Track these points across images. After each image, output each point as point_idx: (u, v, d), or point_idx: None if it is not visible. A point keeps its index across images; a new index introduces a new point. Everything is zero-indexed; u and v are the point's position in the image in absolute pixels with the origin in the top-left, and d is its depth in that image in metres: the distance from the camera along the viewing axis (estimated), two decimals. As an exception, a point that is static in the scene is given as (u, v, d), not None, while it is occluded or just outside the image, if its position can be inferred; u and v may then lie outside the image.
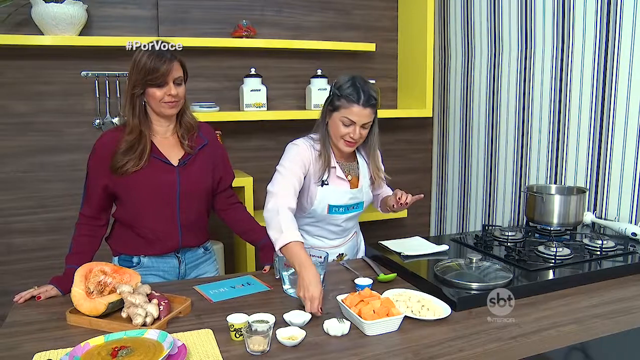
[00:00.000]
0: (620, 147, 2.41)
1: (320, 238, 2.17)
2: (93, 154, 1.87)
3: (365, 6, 3.39)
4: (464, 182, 3.44)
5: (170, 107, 1.84)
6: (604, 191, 2.51)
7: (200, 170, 1.94)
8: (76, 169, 2.84)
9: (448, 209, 3.62)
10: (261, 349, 1.33)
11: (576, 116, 2.62)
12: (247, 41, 2.93)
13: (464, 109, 3.37)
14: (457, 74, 3.41)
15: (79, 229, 1.89)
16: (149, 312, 1.49)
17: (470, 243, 2.19)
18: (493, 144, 3.12)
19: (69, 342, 1.39)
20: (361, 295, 1.54)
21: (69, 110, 2.84)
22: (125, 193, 1.87)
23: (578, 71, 2.59)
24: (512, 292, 1.64)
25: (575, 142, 2.63)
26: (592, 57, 2.52)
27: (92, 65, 2.82)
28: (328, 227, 2.13)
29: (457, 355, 1.33)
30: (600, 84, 2.48)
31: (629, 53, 2.34)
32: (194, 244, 2.01)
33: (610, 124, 2.46)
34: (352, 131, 1.92)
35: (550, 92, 2.74)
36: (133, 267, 1.93)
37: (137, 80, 1.80)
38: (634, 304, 1.64)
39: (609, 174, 2.48)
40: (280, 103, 3.24)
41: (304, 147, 2.00)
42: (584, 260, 1.95)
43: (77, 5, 2.60)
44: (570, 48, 2.62)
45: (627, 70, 2.36)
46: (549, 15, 2.72)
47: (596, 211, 2.54)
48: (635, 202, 2.37)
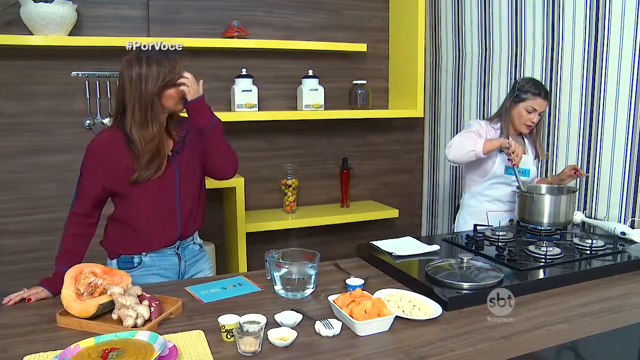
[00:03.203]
0: (609, 148, 2.44)
1: (496, 202, 2.59)
2: (90, 154, 1.84)
3: (357, 7, 3.39)
4: (455, 182, 3.45)
5: (182, 103, 1.87)
6: (593, 191, 2.53)
7: (191, 156, 1.96)
8: (68, 170, 2.83)
9: (439, 209, 3.63)
10: (252, 349, 1.32)
11: (566, 117, 2.63)
12: (238, 41, 2.93)
13: (455, 109, 3.38)
14: (448, 74, 3.43)
15: (68, 229, 1.87)
16: (140, 313, 1.48)
17: (461, 243, 2.20)
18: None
19: (59, 344, 1.38)
20: (352, 295, 1.54)
21: (59, 111, 2.83)
22: (127, 191, 1.86)
23: (568, 72, 2.60)
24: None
25: (565, 143, 2.65)
26: (581, 58, 2.54)
27: (82, 66, 2.81)
28: (504, 188, 2.56)
29: (448, 355, 1.33)
30: (590, 84, 2.50)
31: (617, 56, 2.36)
32: (189, 233, 2.02)
33: (599, 125, 2.48)
34: (533, 117, 2.46)
35: (541, 92, 2.76)
36: (134, 267, 1.92)
37: (153, 86, 1.76)
38: (623, 303, 1.65)
39: (599, 174, 2.50)
40: (271, 103, 3.23)
41: (481, 124, 2.56)
42: (574, 259, 1.96)
43: (67, 5, 2.59)
44: (560, 49, 2.64)
45: (615, 72, 2.38)
46: (538, 16, 2.74)
47: (586, 211, 2.56)
48: (624, 201, 2.39)
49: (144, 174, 1.81)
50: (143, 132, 1.79)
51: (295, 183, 3.20)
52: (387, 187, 3.67)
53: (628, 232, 2.20)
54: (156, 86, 1.77)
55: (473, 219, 2.54)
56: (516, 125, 2.52)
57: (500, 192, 2.57)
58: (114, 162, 1.82)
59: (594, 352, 1.78)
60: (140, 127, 1.79)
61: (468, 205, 2.66)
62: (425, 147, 3.73)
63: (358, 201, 3.55)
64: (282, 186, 3.21)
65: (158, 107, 1.80)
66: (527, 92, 2.45)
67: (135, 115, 1.78)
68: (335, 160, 3.46)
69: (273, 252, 1.80)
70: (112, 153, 1.82)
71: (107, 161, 1.82)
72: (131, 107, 1.79)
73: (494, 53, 3.03)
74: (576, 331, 1.52)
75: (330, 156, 3.46)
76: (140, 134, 1.79)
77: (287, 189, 3.20)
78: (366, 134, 3.54)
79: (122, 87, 1.81)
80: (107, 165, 1.82)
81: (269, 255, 1.79)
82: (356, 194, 3.56)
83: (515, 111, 2.49)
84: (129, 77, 1.78)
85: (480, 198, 2.61)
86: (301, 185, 3.32)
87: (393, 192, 3.68)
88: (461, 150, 2.40)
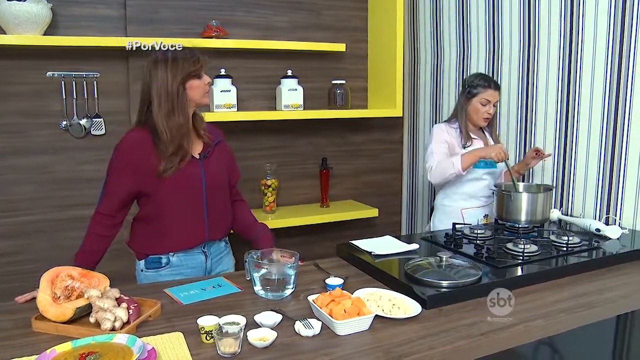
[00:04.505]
0: (584, 147, 2.48)
1: (470, 199, 2.62)
2: (119, 154, 1.89)
3: (336, 6, 3.39)
4: (434, 181, 3.47)
5: (208, 96, 1.95)
6: (569, 189, 2.57)
7: (218, 163, 2.02)
8: (44, 172, 2.79)
9: (419, 208, 3.65)
10: (232, 350, 1.32)
11: (542, 117, 2.67)
12: (217, 41, 2.91)
13: (434, 108, 3.41)
14: (427, 74, 3.45)
15: (93, 227, 1.90)
16: (118, 316, 1.47)
17: (440, 241, 2.21)
18: (462, 143, 3.15)
19: (34, 349, 1.36)
20: (332, 295, 1.55)
21: (34, 111, 2.78)
22: (154, 191, 1.89)
23: (544, 71, 2.64)
24: (481, 289, 1.67)
25: (542, 142, 2.69)
26: (557, 57, 2.57)
27: (58, 66, 2.77)
28: (476, 183, 2.60)
29: (427, 353, 1.34)
30: (565, 83, 2.54)
31: (592, 56, 2.40)
32: (218, 237, 2.07)
33: (574, 125, 2.52)
34: (489, 108, 2.54)
35: (518, 92, 2.80)
36: (162, 267, 1.97)
37: (178, 76, 1.84)
38: (597, 298, 1.68)
39: (574, 172, 2.54)
40: (250, 104, 3.22)
41: (443, 129, 2.62)
42: (551, 256, 1.99)
43: (41, 4, 2.55)
44: (536, 48, 2.67)
45: (590, 72, 2.42)
46: (515, 16, 2.77)
47: (562, 208, 2.60)
48: (599, 199, 2.44)
49: (168, 165, 1.85)
50: (169, 122, 1.85)
51: (275, 183, 3.19)
52: (366, 187, 3.68)
53: (603, 229, 2.23)
54: (182, 76, 1.84)
55: (448, 219, 2.57)
56: (474, 120, 2.59)
57: (473, 188, 2.61)
58: (142, 161, 1.86)
59: (570, 346, 1.81)
60: (167, 117, 1.85)
61: (442, 205, 2.69)
62: (404, 147, 3.75)
63: (338, 201, 3.55)
64: (262, 186, 3.20)
65: (184, 97, 1.87)
66: (478, 86, 2.54)
67: (162, 105, 1.85)
68: (314, 160, 3.46)
69: (252, 253, 1.80)
70: (140, 152, 1.86)
71: (135, 160, 1.86)
72: (157, 99, 1.86)
73: (472, 53, 3.06)
74: (553, 327, 1.55)
75: (309, 156, 3.46)
76: (166, 124, 1.85)
77: (266, 189, 3.19)
78: (345, 133, 3.54)
79: (148, 85, 1.88)
80: (135, 165, 1.86)
81: (249, 255, 1.79)
82: (336, 194, 3.56)
83: (471, 107, 2.57)
84: (155, 73, 1.86)
85: (454, 197, 2.64)
86: (281, 185, 3.32)
87: (373, 192, 3.69)
88: (442, 173, 2.47)
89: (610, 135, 2.36)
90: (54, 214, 2.85)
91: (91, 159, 2.88)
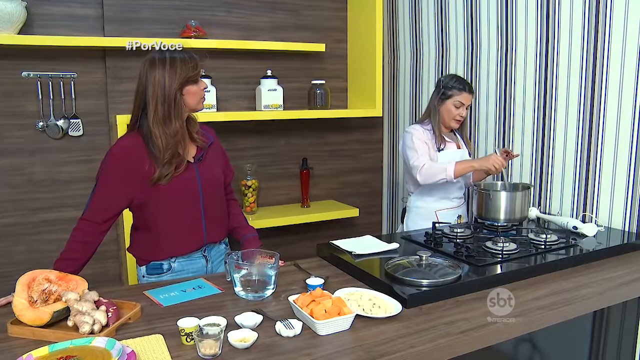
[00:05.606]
0: (561, 146, 2.51)
1: (443, 200, 2.63)
2: (111, 161, 1.82)
3: (315, 7, 3.40)
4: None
5: (203, 101, 1.92)
6: (547, 187, 2.60)
7: (213, 165, 2.00)
8: (19, 174, 2.74)
9: (399, 208, 3.67)
10: (213, 352, 1.31)
11: (520, 116, 2.70)
12: (196, 42, 2.89)
13: (414, 108, 3.43)
14: (406, 74, 3.47)
15: (75, 235, 1.82)
16: (97, 319, 1.45)
17: (420, 241, 2.23)
18: (442, 143, 3.18)
19: (10, 354, 1.34)
20: (312, 295, 1.54)
21: (9, 112, 2.73)
22: (149, 199, 1.85)
23: (521, 71, 2.67)
24: (461, 287, 1.69)
25: (520, 141, 2.72)
26: (534, 58, 2.61)
27: (33, 66, 2.73)
28: (449, 185, 2.58)
29: (408, 352, 1.35)
30: (542, 83, 2.58)
31: (567, 55, 2.43)
32: (217, 239, 2.05)
33: (551, 125, 2.55)
34: (462, 111, 2.54)
35: (496, 92, 2.83)
36: (164, 273, 1.94)
37: (175, 81, 1.79)
38: (575, 295, 1.70)
39: (552, 171, 2.57)
40: (230, 104, 3.21)
41: (419, 130, 2.59)
42: (530, 254, 2.01)
43: (15, 3, 2.50)
44: (514, 48, 2.70)
45: (566, 71, 2.45)
46: (492, 17, 2.80)
47: (540, 206, 2.64)
48: (576, 197, 2.47)
49: (164, 172, 1.80)
50: (165, 128, 1.80)
51: (255, 184, 3.18)
52: (347, 187, 3.69)
53: (580, 227, 2.27)
54: (179, 81, 1.79)
55: (422, 220, 2.58)
56: (446, 122, 2.59)
57: (446, 189, 2.61)
58: (135, 168, 1.81)
59: (549, 342, 1.84)
60: (163, 123, 1.80)
61: (416, 207, 2.68)
62: (384, 146, 3.77)
63: (318, 201, 3.56)
64: (242, 187, 3.19)
65: (181, 102, 1.82)
66: (453, 88, 2.54)
67: (157, 111, 1.80)
68: (295, 161, 3.46)
69: (232, 254, 1.79)
70: (134, 159, 1.80)
71: (128, 168, 1.81)
72: (153, 103, 1.80)
73: (450, 52, 3.09)
74: (532, 324, 1.57)
75: (290, 156, 3.46)
76: (162, 130, 1.80)
77: (247, 189, 3.18)
78: (325, 133, 3.55)
79: (144, 86, 1.81)
80: (128, 172, 1.81)
81: (229, 256, 1.78)
82: (316, 194, 3.56)
83: (444, 108, 2.56)
84: (152, 74, 1.79)
85: (427, 199, 2.64)
86: (261, 185, 3.31)
87: (353, 192, 3.70)
88: (432, 176, 2.44)
89: (586, 135, 2.40)
90: (30, 217, 2.81)
91: (69, 160, 2.85)
